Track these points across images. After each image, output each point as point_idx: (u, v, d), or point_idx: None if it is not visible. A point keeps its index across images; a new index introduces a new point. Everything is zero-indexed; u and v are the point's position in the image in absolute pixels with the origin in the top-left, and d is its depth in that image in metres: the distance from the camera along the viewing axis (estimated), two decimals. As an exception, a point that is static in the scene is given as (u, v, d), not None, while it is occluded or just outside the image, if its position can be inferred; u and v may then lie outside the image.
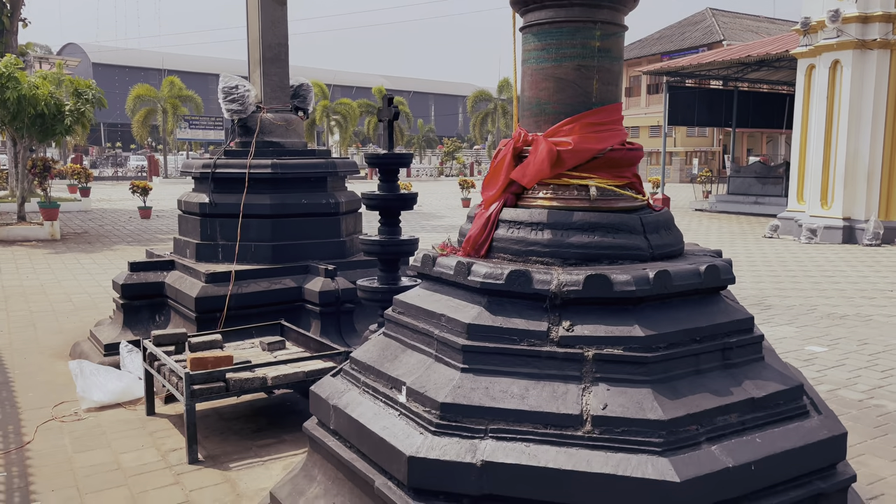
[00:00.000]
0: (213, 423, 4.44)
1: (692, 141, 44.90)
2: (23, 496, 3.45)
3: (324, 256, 5.90)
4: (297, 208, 5.87)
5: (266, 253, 5.77)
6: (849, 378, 5.49)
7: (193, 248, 5.90)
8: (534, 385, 2.45)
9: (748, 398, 2.49)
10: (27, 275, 10.02)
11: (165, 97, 42.18)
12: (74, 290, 8.92)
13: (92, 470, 3.77)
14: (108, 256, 11.76)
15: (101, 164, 52.00)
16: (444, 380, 2.54)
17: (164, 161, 43.58)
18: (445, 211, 21.69)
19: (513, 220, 2.81)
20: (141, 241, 13.71)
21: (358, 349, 3.13)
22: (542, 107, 2.89)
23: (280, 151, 6.00)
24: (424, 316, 2.82)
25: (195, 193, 6.05)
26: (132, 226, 16.58)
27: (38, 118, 14.13)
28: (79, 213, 19.45)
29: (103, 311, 7.51)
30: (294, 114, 6.32)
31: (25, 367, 5.63)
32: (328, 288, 5.46)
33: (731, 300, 2.96)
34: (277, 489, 3.14)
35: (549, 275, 2.56)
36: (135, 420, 4.51)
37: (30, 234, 13.94)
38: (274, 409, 4.71)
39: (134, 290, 5.78)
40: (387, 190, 4.52)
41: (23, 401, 4.86)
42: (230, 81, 5.91)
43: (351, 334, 5.51)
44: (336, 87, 63.62)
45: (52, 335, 6.64)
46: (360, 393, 2.88)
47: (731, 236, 15.56)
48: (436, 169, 50.91)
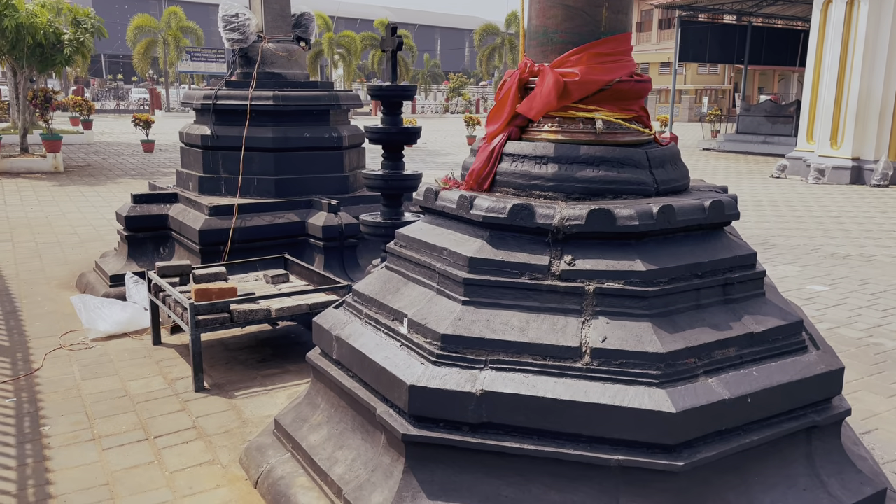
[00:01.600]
0: (219, 354, 4.51)
1: (702, 79, 44.01)
2: (33, 420, 3.54)
3: (327, 191, 5.88)
4: (300, 142, 5.80)
5: (269, 186, 5.74)
6: (849, 317, 5.52)
7: (196, 180, 5.87)
8: (534, 318, 2.47)
9: (747, 333, 2.51)
10: (31, 206, 10.03)
11: (167, 28, 41.30)
12: (79, 222, 8.94)
13: (100, 397, 3.85)
14: (112, 189, 11.74)
15: (102, 96, 51.38)
16: (446, 312, 2.56)
17: (166, 94, 42.99)
18: (450, 148, 21.49)
19: (517, 154, 2.77)
20: (144, 175, 13.66)
21: (360, 282, 3.15)
22: (549, 36, 2.82)
23: (282, 83, 5.89)
24: (426, 249, 2.82)
25: (197, 125, 5.98)
26: (135, 159, 16.50)
27: (37, 47, 13.89)
28: (81, 146, 19.33)
29: (108, 243, 7.55)
30: (296, 44, 6.18)
31: (32, 297, 5.69)
32: (331, 223, 5.45)
33: (734, 236, 2.94)
34: (282, 416, 3.21)
35: (551, 209, 2.54)
36: (141, 349, 4.58)
37: (33, 165, 13.89)
38: (278, 341, 4.78)
39: (138, 222, 5.79)
40: (390, 123, 4.46)
41: (30, 330, 4.93)
42: (230, 9, 5.76)
43: (354, 269, 5.54)
44: (339, 19, 62.10)
45: (58, 266, 6.69)
46: (363, 324, 2.90)
47: (737, 176, 15.43)
48: (441, 105, 50.20)
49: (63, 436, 3.40)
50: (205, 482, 3.03)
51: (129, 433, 3.44)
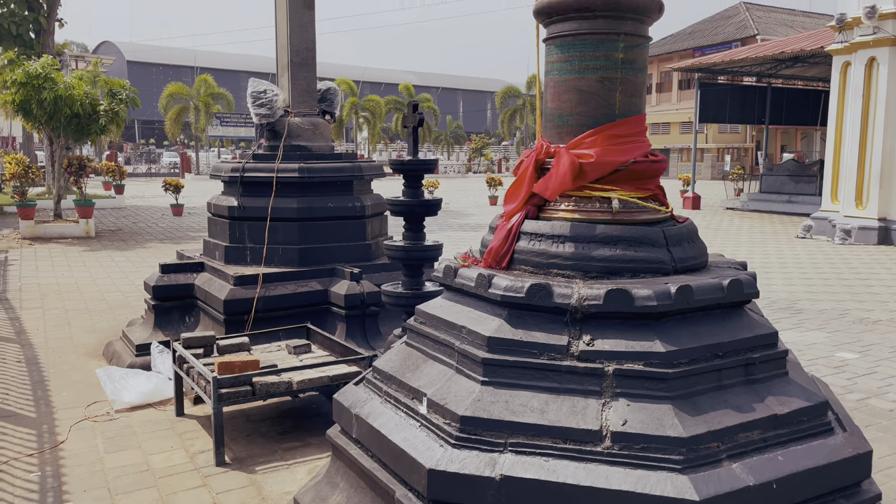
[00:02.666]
0: (240, 425, 4.52)
1: (724, 137, 44.22)
2: (56, 496, 3.56)
3: (349, 259, 5.96)
4: (324, 212, 5.93)
5: (293, 256, 5.84)
6: (880, 387, 5.39)
7: (222, 250, 5.99)
8: (553, 399, 2.46)
9: (771, 415, 2.47)
10: (63, 272, 10.27)
11: (198, 95, 42.80)
12: (108, 287, 9.12)
13: (123, 471, 3.86)
14: (141, 254, 11.99)
15: (135, 160, 53.02)
16: (465, 392, 2.56)
17: (196, 157, 44.22)
18: (472, 209, 21.69)
19: (534, 233, 2.82)
20: (173, 239, 13.95)
21: (380, 358, 3.17)
22: (564, 118, 2.89)
23: (307, 155, 6.06)
24: (445, 327, 2.84)
25: (224, 196, 6.15)
26: (164, 223, 16.88)
27: (73, 118, 14.45)
28: (113, 210, 19.86)
29: (136, 309, 7.67)
30: (321, 118, 6.38)
31: (60, 366, 5.78)
32: (353, 291, 5.51)
33: (755, 313, 2.93)
34: (301, 494, 3.19)
35: (569, 288, 2.56)
36: (164, 421, 4.61)
37: (66, 231, 14.28)
38: (299, 412, 4.78)
39: (165, 291, 5.90)
40: (411, 196, 4.54)
41: (57, 400, 4.99)
42: (259, 86, 5.99)
43: (376, 337, 5.56)
44: (364, 83, 63.93)
45: (86, 334, 6.81)
46: (382, 402, 2.91)
47: (762, 236, 15.33)
48: (463, 165, 50.92)
49: (84, 512, 3.40)
50: (223, 563, 3.00)
51: (149, 510, 3.44)
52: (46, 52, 20.42)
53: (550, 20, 2.88)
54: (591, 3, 2.72)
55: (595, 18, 2.75)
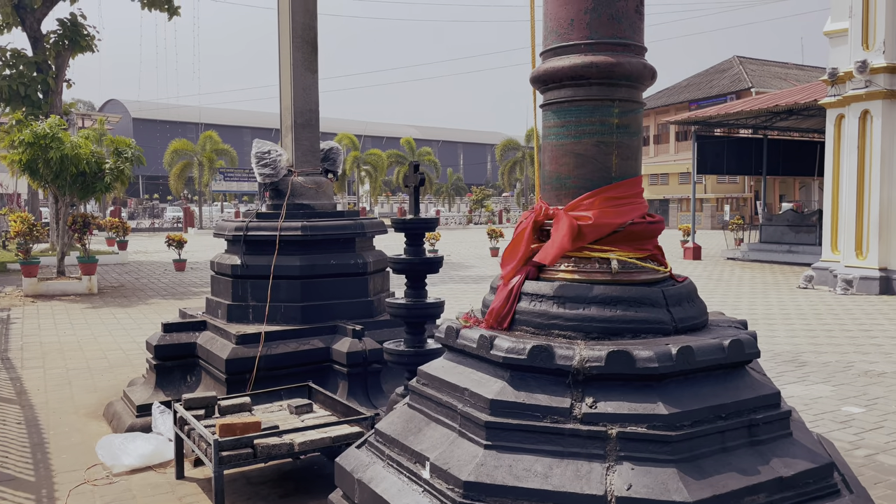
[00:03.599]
0: (241, 488, 4.46)
1: (723, 187, 44.63)
2: (53, 565, 3.50)
3: (352, 316, 5.97)
4: (326, 269, 5.97)
5: (295, 313, 5.85)
6: (888, 441, 5.32)
7: (225, 308, 6.01)
8: (557, 463, 2.45)
9: (776, 477, 2.45)
10: (65, 330, 10.26)
11: (202, 151, 43.45)
12: (110, 346, 9.10)
13: (121, 537, 3.80)
14: (144, 311, 11.99)
15: (138, 215, 53.50)
16: (468, 456, 2.55)
17: (199, 212, 44.60)
18: (474, 260, 21.75)
19: (535, 294, 2.85)
20: (175, 295, 13.97)
21: (382, 420, 3.16)
22: (562, 181, 2.96)
23: (310, 213, 6.14)
24: (448, 389, 2.85)
25: (227, 255, 6.20)
26: (167, 279, 16.93)
27: (79, 176, 14.66)
28: (116, 266, 19.94)
29: (137, 367, 7.64)
30: (324, 176, 6.48)
31: (60, 428, 5.73)
32: (355, 349, 5.50)
33: (757, 372, 2.93)
34: (302, 562, 3.14)
35: (571, 350, 2.57)
36: (164, 484, 4.55)
37: (68, 288, 14.31)
38: (301, 474, 4.72)
39: (167, 351, 5.89)
40: (413, 254, 4.59)
41: (56, 463, 4.94)
42: (263, 147, 6.11)
43: (378, 395, 5.53)
44: (367, 137, 64.91)
45: (87, 394, 6.77)
46: (385, 467, 2.89)
47: (763, 286, 15.33)
48: (465, 217, 51.27)
49: (81, 582, 3.34)
50: None
51: (147, 578, 3.37)
52: (54, 111, 20.83)
53: (547, 87, 2.97)
54: (585, 72, 2.81)
55: (590, 86, 2.84)
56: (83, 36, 22.36)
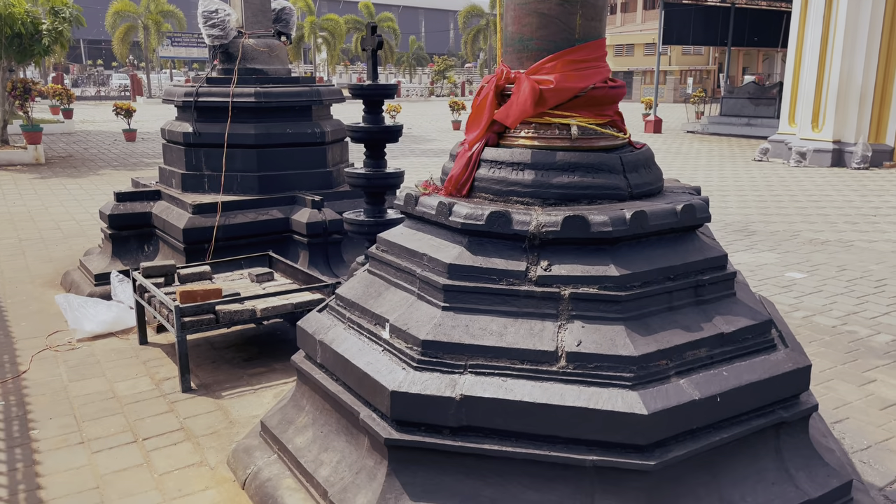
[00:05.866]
0: (205, 353, 4.56)
1: (687, 59, 44.07)
2: (21, 424, 3.59)
3: (310, 187, 5.90)
4: (282, 138, 5.82)
5: (252, 183, 5.76)
6: (825, 304, 5.65)
7: (179, 178, 5.87)
8: (512, 323, 2.54)
9: (717, 333, 2.59)
10: (13, 201, 9.97)
11: (146, 13, 40.75)
12: (62, 216, 8.91)
13: (88, 399, 3.90)
14: (95, 182, 11.67)
15: (82, 82, 50.70)
16: (426, 317, 2.63)
17: (147, 80, 42.49)
18: (435, 133, 21.46)
19: (494, 160, 2.83)
20: (127, 166, 13.58)
21: (343, 286, 3.20)
22: (524, 43, 2.86)
23: (263, 79, 5.89)
24: (407, 255, 2.88)
25: (178, 122, 5.98)
26: (117, 149, 16.37)
27: (15, 38, 13.70)
28: (62, 136, 19.14)
29: (92, 238, 7.54)
30: (277, 39, 6.17)
31: (17, 297, 5.70)
32: (315, 219, 5.49)
33: (707, 236, 3.02)
34: (268, 418, 3.27)
35: (528, 215, 2.60)
36: (128, 349, 4.62)
37: (14, 158, 13.77)
38: (264, 339, 4.83)
39: (121, 220, 5.79)
40: (371, 122, 4.48)
41: (16, 330, 4.95)
42: (210, 5, 5.74)
43: (339, 265, 5.59)
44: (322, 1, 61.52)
45: (43, 264, 6.69)
46: (346, 328, 2.96)
47: (720, 159, 15.55)
48: (426, 88, 49.97)
49: (52, 439, 3.45)
50: (193, 484, 3.09)
51: (117, 436, 3.49)
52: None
53: (510, -61, 2.80)
54: (551, -78, 2.64)
55: (556, -62, 2.69)
56: None
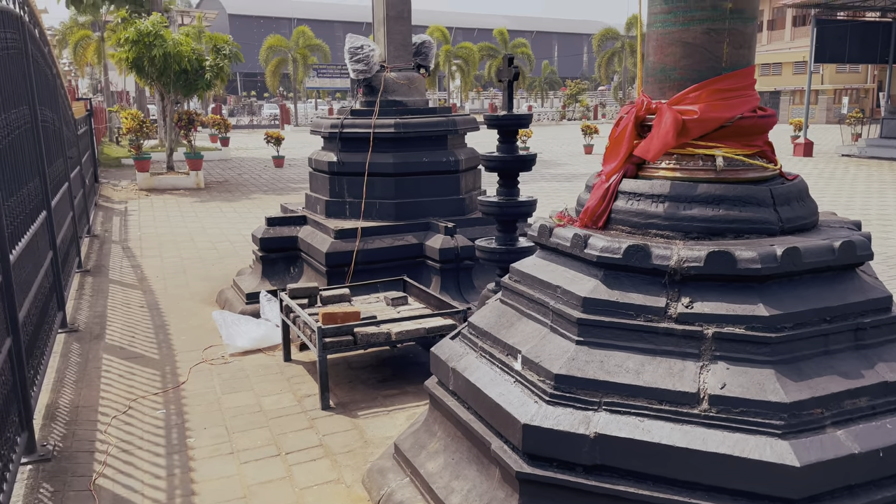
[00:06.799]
0: (343, 372, 4.76)
1: (842, 77, 41.01)
2: (180, 432, 3.90)
3: (444, 213, 6.05)
4: (419, 166, 6.02)
5: (389, 210, 5.98)
6: None
7: (323, 204, 6.21)
8: (649, 361, 2.46)
9: (881, 381, 2.38)
10: (177, 223, 10.94)
11: (295, 47, 43.65)
12: (218, 237, 9.66)
13: (238, 411, 4.18)
14: (247, 205, 12.57)
15: (237, 112, 54.98)
16: (559, 351, 2.60)
17: (294, 109, 45.37)
18: (566, 158, 21.29)
19: (632, 192, 2.78)
20: (275, 190, 14.52)
21: (475, 314, 3.24)
22: (667, 73, 2.80)
23: (403, 110, 6.13)
24: (540, 286, 2.87)
25: (324, 152, 6.34)
26: (267, 174, 17.55)
27: (182, 74, 15.11)
28: (219, 162, 20.81)
29: (244, 258, 8.11)
30: (416, 71, 6.41)
31: (178, 312, 6.23)
32: (448, 245, 5.61)
33: (868, 275, 2.79)
34: (401, 440, 3.36)
35: (668, 250, 2.53)
36: (273, 365, 4.92)
37: (178, 183, 15.12)
38: (398, 361, 4.97)
39: (271, 243, 6.21)
40: (505, 151, 4.54)
41: (177, 343, 5.41)
42: (356, 42, 6.07)
43: (469, 290, 5.66)
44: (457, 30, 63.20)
45: (201, 281, 7.27)
46: (478, 357, 3.00)
47: (880, 185, 14.29)
48: (558, 112, 49.76)
49: (206, 448, 3.72)
50: (331, 501, 3.22)
51: (263, 448, 3.72)
52: (155, 9, 21.30)
53: (654, -31, 2.77)
54: (698, -49, 2.59)
55: (702, -34, 2.62)
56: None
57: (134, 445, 3.72)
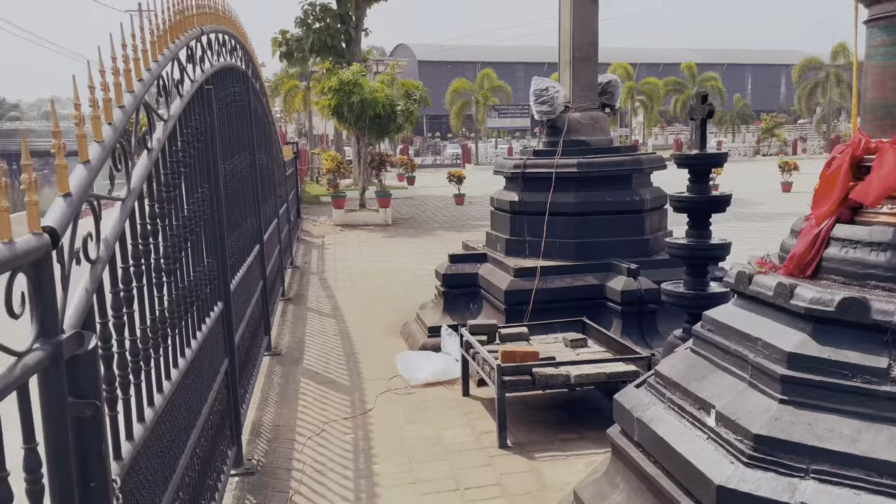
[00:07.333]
0: (520, 411, 4.76)
1: None
2: (366, 458, 4.11)
3: (627, 254, 5.89)
4: (601, 206, 5.94)
5: (570, 250, 5.94)
6: None
7: (503, 242, 6.32)
8: (867, 427, 2.21)
9: None
10: (367, 256, 11.66)
11: (479, 89, 45.23)
12: (402, 271, 10.14)
13: (419, 442, 4.32)
14: (430, 241, 13.09)
15: (422, 152, 57.80)
16: (759, 409, 2.42)
17: (475, 148, 46.82)
18: (761, 196, 19.87)
19: (847, 239, 2.54)
20: (456, 227, 15.00)
21: (662, 363, 3.11)
22: (889, 109, 2.55)
23: (586, 150, 6.11)
24: (737, 337, 2.69)
25: (506, 192, 6.46)
26: (448, 211, 18.20)
27: (376, 118, 16.22)
28: (406, 200, 21.92)
29: (426, 291, 8.41)
30: (601, 111, 6.37)
31: (367, 341, 6.60)
32: (630, 287, 5.45)
33: None
34: (581, 488, 3.27)
35: (891, 304, 2.27)
36: (452, 399, 5.03)
37: (369, 219, 16.14)
38: (575, 404, 4.87)
39: (453, 280, 6.41)
40: (697, 191, 4.35)
41: (365, 371, 5.72)
42: (541, 84, 6.17)
43: (653, 335, 5.44)
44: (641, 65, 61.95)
45: (387, 312, 7.66)
46: (665, 409, 2.86)
47: None
48: (751, 148, 46.76)
49: (389, 475, 3.88)
50: (507, 542, 3.21)
51: (442, 481, 3.80)
52: (354, 59, 23.13)
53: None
54: (929, -25, 2.35)
55: (934, -8, 2.38)
56: (379, -14, 24.32)
57: (326, 467, 3.98)
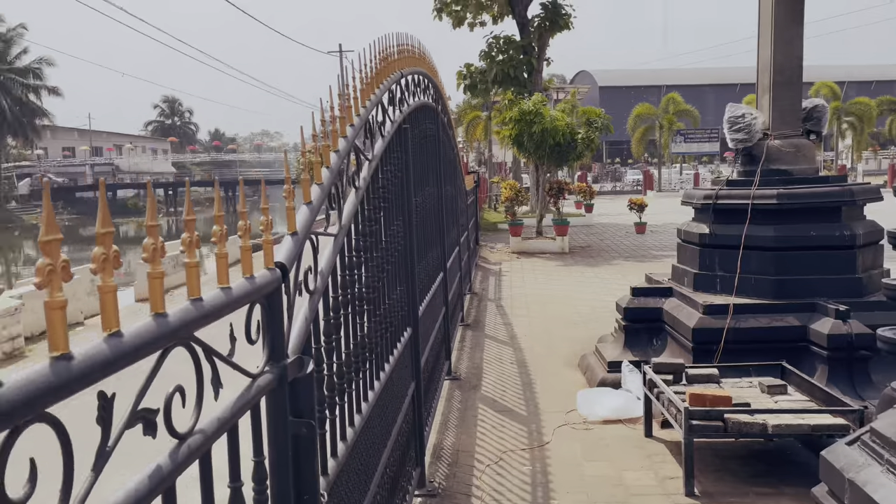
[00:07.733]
0: (707, 458, 4.48)
1: None
2: (544, 492, 4.08)
3: (834, 294, 5.36)
4: (805, 241, 5.48)
5: (767, 287, 5.53)
6: None
7: (691, 277, 6.03)
8: None
9: None
10: (543, 285, 11.64)
11: (664, 114, 43.73)
12: (579, 301, 10.00)
13: (597, 480, 4.21)
14: (608, 271, 12.80)
15: (601, 178, 56.86)
16: None
17: (658, 174, 45.18)
18: None
19: None
20: (636, 257, 14.54)
21: (880, 419, 2.79)
22: None
23: (787, 180, 5.68)
24: (978, 399, 2.36)
25: (695, 223, 6.17)
26: (628, 241, 17.69)
27: (555, 147, 16.25)
28: (583, 228, 21.64)
29: (603, 324, 8.22)
30: (805, 138, 5.91)
31: (543, 371, 6.57)
32: (839, 331, 4.95)
33: None
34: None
35: None
36: (633, 439, 4.86)
37: (545, 247, 16.14)
38: (772, 456, 4.50)
39: (635, 314, 6.21)
40: (923, 228, 3.88)
41: (542, 402, 5.70)
42: (736, 111, 5.85)
43: (865, 386, 4.89)
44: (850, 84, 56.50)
45: (563, 343, 7.59)
46: (883, 471, 2.57)
47: None
48: None
49: (567, 512, 3.82)
50: None
51: (622, 525, 3.68)
52: (536, 89, 23.39)
53: None
54: None
55: None
56: (562, 16, 24.48)
57: (504, 497, 4.00)
